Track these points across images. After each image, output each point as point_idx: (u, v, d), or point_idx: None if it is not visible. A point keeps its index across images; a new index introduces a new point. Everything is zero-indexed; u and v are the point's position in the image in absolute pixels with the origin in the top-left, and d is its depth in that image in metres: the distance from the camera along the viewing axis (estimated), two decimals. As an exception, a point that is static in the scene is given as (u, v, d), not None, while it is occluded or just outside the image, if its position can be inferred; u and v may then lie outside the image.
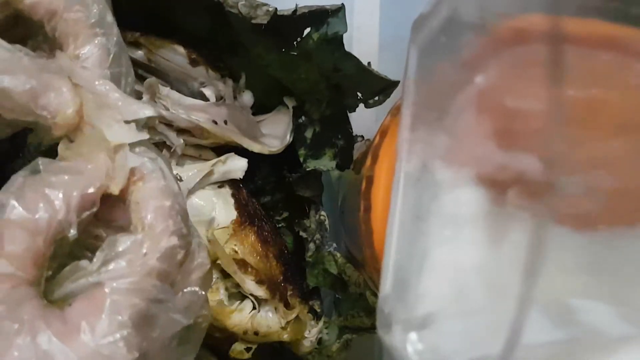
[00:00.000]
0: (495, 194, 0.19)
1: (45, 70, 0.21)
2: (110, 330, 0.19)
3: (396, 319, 0.22)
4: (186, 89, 0.37)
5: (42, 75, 0.21)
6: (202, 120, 0.34)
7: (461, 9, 0.21)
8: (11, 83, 0.20)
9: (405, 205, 0.23)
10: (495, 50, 0.20)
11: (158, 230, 0.20)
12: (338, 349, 0.38)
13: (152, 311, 0.20)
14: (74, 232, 0.20)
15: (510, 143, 0.19)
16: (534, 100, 0.19)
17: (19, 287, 0.19)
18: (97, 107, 0.21)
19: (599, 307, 0.19)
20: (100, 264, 0.20)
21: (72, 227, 0.20)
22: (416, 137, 0.23)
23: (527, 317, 0.17)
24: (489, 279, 0.19)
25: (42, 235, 0.19)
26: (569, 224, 0.18)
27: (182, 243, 0.21)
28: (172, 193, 0.21)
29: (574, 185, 0.18)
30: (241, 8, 0.33)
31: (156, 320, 0.20)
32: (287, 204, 0.42)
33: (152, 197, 0.21)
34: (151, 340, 0.20)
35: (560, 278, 0.18)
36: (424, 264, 0.21)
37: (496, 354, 0.18)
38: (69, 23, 0.22)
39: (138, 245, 0.20)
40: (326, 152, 0.39)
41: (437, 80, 0.22)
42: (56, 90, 0.21)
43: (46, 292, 0.20)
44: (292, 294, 0.36)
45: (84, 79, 0.22)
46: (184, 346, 0.22)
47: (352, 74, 0.36)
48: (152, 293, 0.20)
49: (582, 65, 0.19)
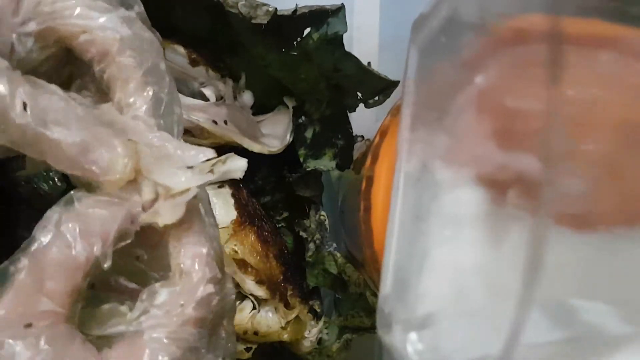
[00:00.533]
0: (495, 194, 0.19)
1: (99, 124, 0.20)
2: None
3: (396, 319, 0.22)
4: (186, 89, 0.37)
5: (95, 129, 0.20)
6: (202, 120, 0.34)
7: (461, 9, 0.21)
8: (62, 135, 0.20)
9: (405, 205, 0.23)
10: (495, 50, 0.20)
11: (195, 280, 0.21)
12: (338, 349, 0.38)
13: (188, 358, 0.20)
14: (109, 264, 0.20)
15: (510, 143, 0.19)
16: (534, 100, 0.19)
17: (59, 324, 0.19)
18: (155, 160, 0.21)
19: (599, 307, 0.19)
20: (140, 313, 0.20)
21: (107, 260, 0.20)
22: (416, 137, 0.23)
23: (527, 317, 0.17)
24: (489, 279, 0.19)
25: (81, 271, 0.20)
26: (569, 224, 0.18)
27: (217, 289, 0.21)
28: (209, 238, 0.21)
29: (573, 186, 0.18)
30: (241, 8, 0.33)
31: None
32: (287, 204, 0.42)
33: (190, 243, 0.21)
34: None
35: (560, 278, 0.18)
36: (424, 264, 0.21)
37: (496, 354, 0.18)
38: (120, 67, 0.22)
39: (176, 296, 0.20)
40: (326, 152, 0.39)
41: (437, 80, 0.22)
42: (108, 145, 0.20)
43: (82, 321, 0.21)
44: (292, 294, 0.36)
45: (138, 131, 0.21)
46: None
47: (352, 74, 0.36)
48: (188, 341, 0.20)
49: (582, 65, 0.19)
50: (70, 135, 0.20)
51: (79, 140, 0.20)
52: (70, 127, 0.20)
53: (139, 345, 0.20)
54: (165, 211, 0.21)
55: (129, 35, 0.22)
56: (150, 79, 0.22)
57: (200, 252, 0.21)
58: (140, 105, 0.22)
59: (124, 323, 0.21)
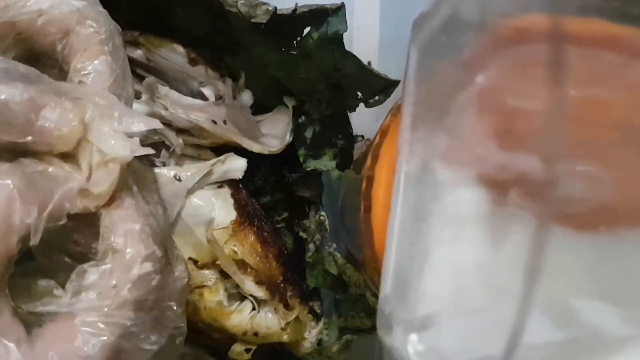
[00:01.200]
0: (496, 194, 0.19)
1: (44, 82, 0.20)
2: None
3: (396, 319, 0.22)
4: (185, 89, 0.37)
5: (41, 87, 0.20)
6: (201, 119, 0.34)
7: (462, 8, 0.21)
8: (9, 94, 0.19)
9: (405, 205, 0.22)
10: (496, 50, 0.20)
11: (128, 257, 0.20)
12: (338, 350, 0.38)
13: (123, 345, 0.19)
14: (37, 239, 0.19)
15: (511, 143, 0.19)
16: (534, 100, 0.19)
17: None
18: (99, 118, 0.21)
19: (600, 308, 0.19)
20: (71, 295, 0.19)
21: (37, 234, 0.19)
22: (416, 137, 0.23)
23: (528, 318, 0.17)
24: (490, 280, 0.19)
25: (15, 235, 0.19)
26: (570, 225, 0.18)
27: (156, 268, 0.20)
28: (144, 214, 0.21)
29: (574, 186, 0.18)
30: (241, 7, 0.33)
31: (127, 352, 0.20)
32: (287, 204, 0.42)
33: (121, 220, 0.20)
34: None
35: (561, 278, 0.18)
36: (425, 264, 0.21)
37: (497, 355, 0.18)
38: (81, 37, 0.22)
39: (107, 276, 0.19)
40: (326, 152, 0.39)
41: (437, 80, 0.22)
42: (56, 102, 0.20)
43: (16, 294, 0.20)
44: (292, 294, 0.36)
45: (85, 91, 0.21)
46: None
47: (352, 74, 0.36)
48: (125, 326, 0.19)
49: (583, 64, 0.19)
50: (18, 94, 0.19)
51: (27, 98, 0.19)
52: (17, 86, 0.19)
53: (70, 328, 0.19)
54: (98, 179, 0.20)
55: (84, 6, 0.22)
56: (107, 48, 0.22)
57: (132, 229, 0.20)
58: (93, 70, 0.22)
59: (56, 303, 0.20)
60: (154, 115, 0.33)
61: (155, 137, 0.34)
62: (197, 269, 0.35)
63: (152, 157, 0.35)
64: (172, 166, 0.34)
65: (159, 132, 0.33)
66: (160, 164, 0.34)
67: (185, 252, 0.35)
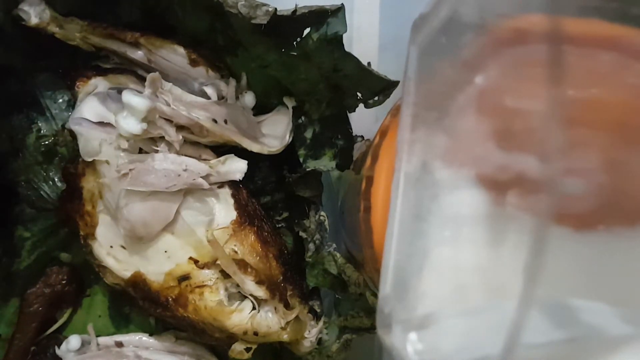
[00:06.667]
0: (495, 195, 0.19)
1: None
2: None
3: (396, 319, 0.22)
4: (186, 89, 0.37)
5: None
6: (202, 118, 0.34)
7: (461, 9, 0.21)
8: None
9: (405, 205, 0.23)
10: (495, 51, 0.20)
11: None
12: (338, 349, 0.38)
13: None
14: None
15: (510, 143, 0.19)
16: (534, 101, 0.19)
17: None
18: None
19: (599, 308, 0.19)
20: None
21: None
22: (416, 137, 0.23)
23: (527, 318, 0.17)
24: (489, 279, 0.19)
25: None
26: (569, 225, 0.18)
27: None
28: None
29: (573, 186, 0.18)
30: (241, 8, 0.33)
31: None
32: (287, 204, 0.42)
33: None
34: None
35: (560, 278, 0.18)
36: (424, 264, 0.21)
37: (496, 354, 0.18)
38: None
39: None
40: (326, 152, 0.39)
41: (437, 81, 0.22)
42: None
43: None
44: (292, 294, 0.36)
45: None
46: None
47: (352, 74, 0.36)
48: None
49: (582, 65, 0.19)
50: None
51: None
52: None
53: None
54: None
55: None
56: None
57: None
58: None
59: None
60: (156, 110, 0.33)
61: (155, 132, 0.34)
62: (197, 268, 0.35)
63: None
64: (171, 159, 0.34)
65: (159, 126, 0.33)
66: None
67: (185, 252, 0.35)
